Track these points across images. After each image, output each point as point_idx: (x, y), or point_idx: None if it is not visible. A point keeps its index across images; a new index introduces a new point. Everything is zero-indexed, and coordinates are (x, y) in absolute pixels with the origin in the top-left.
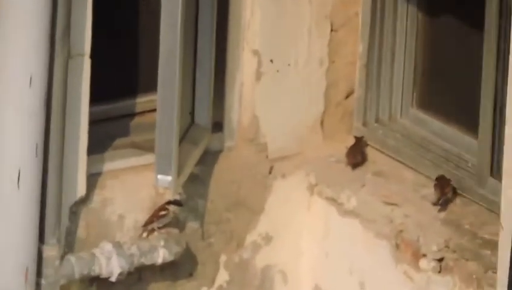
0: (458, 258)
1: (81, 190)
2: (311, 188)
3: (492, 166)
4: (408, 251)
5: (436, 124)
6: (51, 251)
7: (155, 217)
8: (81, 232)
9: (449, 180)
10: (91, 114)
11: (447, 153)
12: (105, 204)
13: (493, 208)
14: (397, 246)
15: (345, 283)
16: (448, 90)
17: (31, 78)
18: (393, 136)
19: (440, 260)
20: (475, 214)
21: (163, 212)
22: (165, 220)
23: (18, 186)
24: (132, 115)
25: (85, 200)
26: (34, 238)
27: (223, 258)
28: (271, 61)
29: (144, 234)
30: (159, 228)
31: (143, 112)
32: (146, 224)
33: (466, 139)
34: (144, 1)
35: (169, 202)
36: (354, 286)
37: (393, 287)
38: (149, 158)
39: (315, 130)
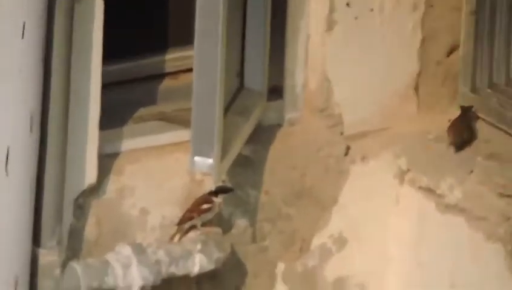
0: None
1: (90, 176)
2: (401, 175)
3: None
4: None
5: None
6: (49, 257)
7: (195, 212)
8: (90, 232)
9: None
10: (104, 75)
11: None
12: (122, 195)
13: None
14: None
15: None
16: None
17: (23, 27)
18: (511, 107)
19: None
20: None
21: (206, 206)
22: (208, 216)
23: (6, 172)
24: (160, 76)
25: (95, 189)
26: (27, 240)
27: (280, 267)
28: (347, 4)
29: (177, 237)
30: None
31: (174, 73)
32: (181, 222)
33: None
34: None
35: (215, 192)
36: None
37: None
38: (182, 134)
39: (406, 98)
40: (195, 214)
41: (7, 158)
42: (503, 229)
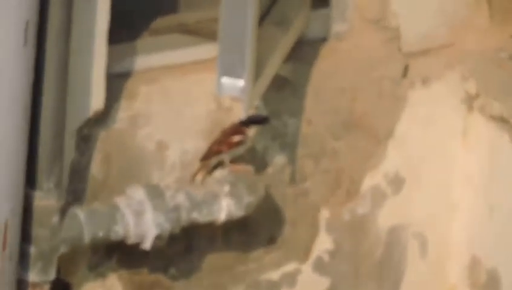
0: None
1: (97, 100)
2: (469, 101)
3: None
4: None
5: None
6: (45, 201)
7: (224, 145)
8: (96, 170)
9: None
10: None
11: None
12: (135, 124)
13: None
14: None
15: None
16: None
17: None
18: None
19: None
20: None
21: (237, 138)
22: (239, 151)
23: None
24: None
25: (103, 117)
26: (19, 180)
27: (324, 213)
28: None
29: (200, 175)
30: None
31: None
32: (206, 156)
33: None
34: None
35: (248, 121)
36: None
37: None
38: (208, 50)
39: (476, 7)
40: (224, 148)
41: None
42: None
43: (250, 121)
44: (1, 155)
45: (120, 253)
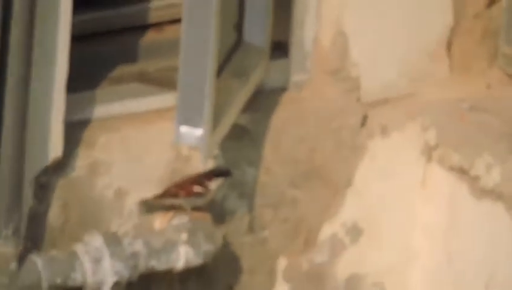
0: None
1: (55, 148)
2: (428, 152)
3: None
4: None
5: None
6: (3, 248)
7: (183, 190)
8: (54, 217)
9: None
10: (75, 25)
11: None
12: (94, 172)
13: None
14: None
15: None
16: None
17: None
18: None
19: None
20: None
21: (197, 189)
22: (197, 202)
23: None
24: (141, 27)
25: (61, 165)
26: None
27: (282, 263)
28: None
29: (158, 224)
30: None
31: (159, 24)
32: (161, 196)
33: None
34: None
35: (211, 174)
36: None
37: None
38: (167, 99)
39: (437, 58)
40: (182, 193)
41: None
42: None
43: (213, 174)
44: None
45: None
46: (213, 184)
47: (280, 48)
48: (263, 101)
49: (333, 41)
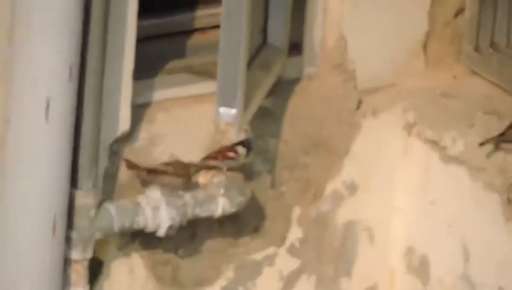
0: None
1: (124, 124)
2: (408, 128)
3: None
4: None
5: None
6: (85, 198)
7: (220, 155)
8: (123, 175)
9: None
10: (139, 29)
11: None
12: (153, 142)
13: None
14: (509, 201)
15: (445, 243)
16: None
17: None
18: (511, 66)
19: None
20: None
21: (231, 154)
22: (231, 164)
23: (46, 119)
24: (190, 31)
25: (128, 136)
26: (65, 183)
27: (296, 211)
28: None
29: (201, 179)
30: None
31: (203, 29)
32: (205, 158)
33: None
34: None
35: (240, 143)
36: (455, 248)
37: (502, 250)
38: (209, 86)
39: (416, 56)
40: (220, 157)
41: (48, 106)
42: (499, 180)
43: (242, 144)
44: (52, 166)
45: (141, 238)
46: (242, 151)
47: (296, 48)
48: (282, 88)
49: (335, 42)
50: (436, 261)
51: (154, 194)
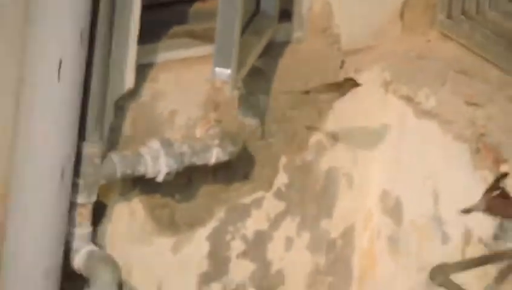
0: None
1: (129, 81)
2: (386, 86)
3: None
4: (489, 156)
5: None
6: (91, 149)
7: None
8: (127, 128)
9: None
10: None
11: None
12: (155, 98)
13: None
14: (477, 150)
15: (418, 189)
16: None
17: None
18: (480, 31)
19: None
20: None
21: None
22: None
23: (58, 78)
24: (192, 0)
25: (133, 93)
26: (74, 134)
27: (283, 160)
28: None
29: (198, 131)
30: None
31: None
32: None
33: None
34: None
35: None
36: (428, 193)
37: (470, 194)
38: (207, 49)
39: (393, 22)
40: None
41: (60, 66)
42: (469, 131)
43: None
44: (62, 120)
45: (142, 184)
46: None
47: (285, 15)
48: (273, 50)
49: (322, 9)
50: (409, 204)
51: (154, 145)
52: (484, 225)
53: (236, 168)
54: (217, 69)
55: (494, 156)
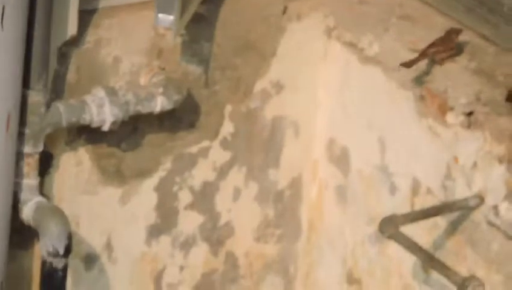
0: (489, 112)
1: (72, 28)
2: (328, 32)
3: None
4: (434, 103)
5: None
6: (36, 97)
7: None
8: (71, 76)
9: (453, 37)
10: None
11: None
12: (99, 45)
13: None
14: (422, 97)
15: (363, 137)
16: None
17: None
18: None
19: (470, 114)
20: (510, 65)
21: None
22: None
23: (1, 26)
24: None
25: (76, 40)
26: (18, 83)
27: (228, 108)
28: None
29: (142, 80)
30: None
31: None
32: None
33: None
34: None
35: None
36: (373, 141)
37: (416, 143)
38: None
39: None
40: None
41: (2, 14)
42: (413, 78)
43: None
44: (5, 68)
45: (87, 133)
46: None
47: None
48: None
49: None
50: (356, 153)
51: (99, 93)
52: (432, 174)
53: (182, 117)
54: (160, 16)
55: (438, 103)
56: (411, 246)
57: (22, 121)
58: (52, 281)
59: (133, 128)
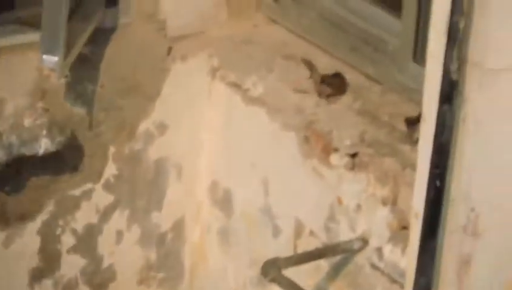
0: (373, 154)
1: None
2: (213, 72)
3: (415, 49)
4: (318, 144)
5: (356, 1)
6: None
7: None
8: None
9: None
10: None
11: (367, 34)
12: None
13: (414, 97)
14: (306, 139)
15: (247, 178)
16: None
17: None
18: (307, 15)
19: (354, 155)
20: (394, 104)
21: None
22: None
23: None
24: None
25: None
26: None
27: (111, 149)
28: None
29: (26, 122)
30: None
31: None
32: None
33: (389, 19)
34: None
35: None
36: (257, 183)
37: (300, 185)
38: (35, 36)
39: (220, 7)
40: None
41: None
42: (297, 119)
43: None
44: None
45: None
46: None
47: (112, 0)
48: (99, 37)
49: None
50: (239, 195)
51: None
52: (315, 216)
53: (66, 159)
54: (45, 57)
55: (323, 144)
56: (294, 289)
57: None
58: None
59: (16, 171)
